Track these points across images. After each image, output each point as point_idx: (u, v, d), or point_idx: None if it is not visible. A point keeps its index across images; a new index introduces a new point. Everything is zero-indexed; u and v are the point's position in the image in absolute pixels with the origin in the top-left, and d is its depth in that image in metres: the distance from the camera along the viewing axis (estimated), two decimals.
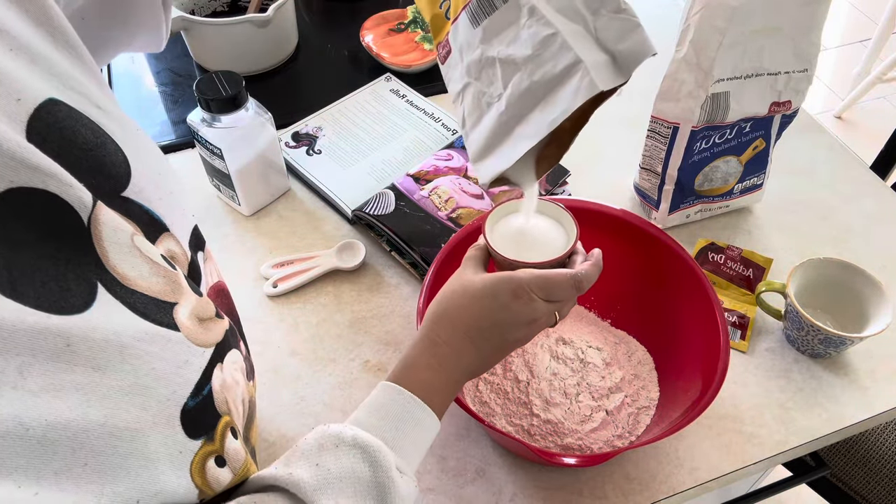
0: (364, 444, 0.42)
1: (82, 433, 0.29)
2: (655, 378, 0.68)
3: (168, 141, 0.93)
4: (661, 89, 0.75)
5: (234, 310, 0.53)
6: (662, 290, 0.69)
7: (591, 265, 0.53)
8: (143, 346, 0.33)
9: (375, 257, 0.80)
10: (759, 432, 0.66)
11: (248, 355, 0.51)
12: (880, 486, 0.95)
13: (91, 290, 0.32)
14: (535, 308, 0.50)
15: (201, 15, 1.05)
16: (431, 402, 0.47)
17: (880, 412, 0.68)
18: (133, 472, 0.31)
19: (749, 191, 0.84)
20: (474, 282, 0.51)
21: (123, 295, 0.33)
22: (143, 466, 0.32)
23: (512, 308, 0.50)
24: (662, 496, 0.62)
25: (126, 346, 0.32)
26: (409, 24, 1.08)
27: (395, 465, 0.43)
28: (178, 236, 0.42)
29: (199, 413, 0.36)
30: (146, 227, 0.38)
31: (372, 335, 0.73)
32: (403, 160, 0.89)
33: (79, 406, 0.30)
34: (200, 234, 0.47)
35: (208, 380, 0.37)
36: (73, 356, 0.30)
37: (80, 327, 0.30)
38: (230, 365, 0.41)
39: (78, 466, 0.29)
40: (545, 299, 0.50)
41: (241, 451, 0.40)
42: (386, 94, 0.98)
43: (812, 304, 0.73)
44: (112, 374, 0.31)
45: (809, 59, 0.74)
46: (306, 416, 0.67)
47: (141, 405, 0.32)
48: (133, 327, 0.33)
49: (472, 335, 0.50)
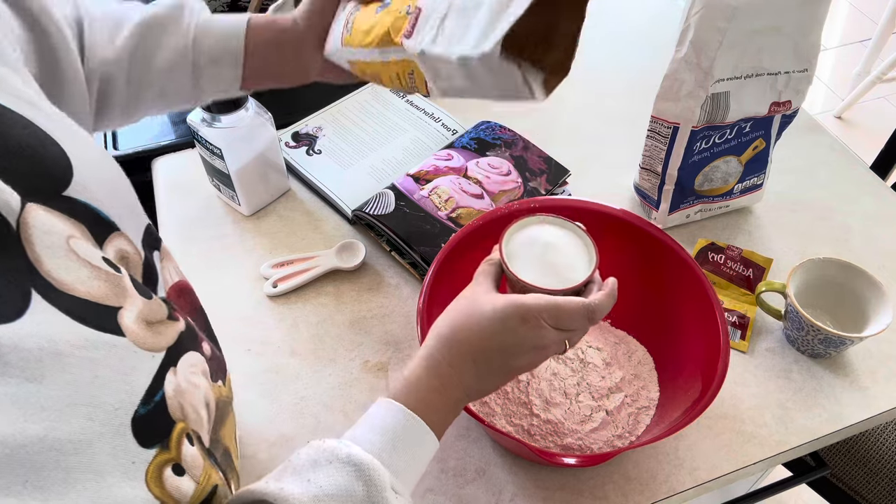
0: (359, 462, 0.40)
1: (20, 449, 0.28)
2: (655, 378, 0.68)
3: (168, 141, 0.93)
4: (661, 89, 0.75)
5: (200, 308, 0.52)
6: (662, 290, 0.69)
7: (605, 295, 0.51)
8: (83, 354, 0.31)
9: (375, 257, 0.80)
10: (759, 432, 0.66)
11: (218, 354, 0.50)
12: (880, 486, 0.95)
13: (24, 297, 0.30)
14: (544, 335, 0.49)
15: None
16: (432, 423, 0.46)
17: (880, 412, 0.68)
18: (80, 486, 0.29)
19: (749, 191, 0.84)
20: (484, 305, 0.49)
21: (60, 301, 0.32)
22: (92, 480, 0.30)
23: (519, 333, 0.48)
24: (662, 496, 0.62)
25: (64, 354, 0.31)
26: None
27: (391, 484, 0.41)
28: (130, 235, 0.41)
29: (151, 420, 0.34)
30: (93, 227, 0.37)
31: (372, 335, 0.73)
32: (403, 160, 0.89)
33: (16, 420, 0.28)
34: (155, 232, 0.46)
35: (160, 385, 0.36)
36: (5, 367, 0.28)
37: (9, 337, 0.29)
38: (186, 368, 0.40)
39: (17, 485, 0.27)
40: (555, 327, 0.49)
41: (199, 458, 0.38)
42: (386, 93, 0.98)
43: (812, 304, 0.73)
44: (50, 385, 0.30)
45: (809, 59, 0.74)
46: (306, 416, 0.67)
47: (86, 415, 0.31)
48: (71, 334, 0.31)
49: (477, 358, 0.49)
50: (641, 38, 1.10)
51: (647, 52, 1.06)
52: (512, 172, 0.85)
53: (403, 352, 0.72)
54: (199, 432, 0.40)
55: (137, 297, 0.37)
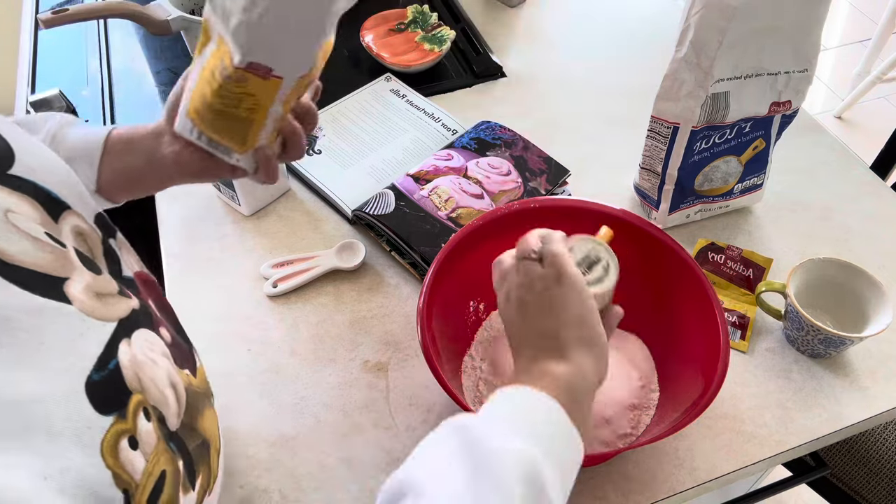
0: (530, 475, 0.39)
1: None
2: (655, 378, 0.68)
3: None
4: (661, 89, 0.75)
5: (167, 304, 0.53)
6: (662, 290, 0.69)
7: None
8: (30, 320, 0.33)
9: (375, 257, 0.80)
10: (759, 432, 0.66)
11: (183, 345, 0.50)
12: (880, 486, 0.96)
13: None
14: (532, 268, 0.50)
15: (201, 15, 1.05)
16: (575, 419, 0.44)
17: (880, 412, 0.68)
18: (34, 447, 0.30)
19: (749, 191, 0.84)
20: None
21: (5, 271, 0.33)
22: (47, 442, 0.31)
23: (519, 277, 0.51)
24: (662, 496, 0.62)
25: (11, 319, 0.32)
26: (409, 24, 1.08)
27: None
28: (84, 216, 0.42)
29: (106, 387, 0.35)
30: (46, 205, 0.39)
31: (372, 335, 0.73)
32: (403, 160, 0.89)
33: None
34: (108, 221, 0.47)
35: (114, 354, 0.37)
36: None
37: None
38: (142, 343, 0.40)
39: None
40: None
41: (153, 436, 0.39)
42: (386, 94, 0.98)
43: (812, 304, 0.73)
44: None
45: (809, 59, 0.74)
46: (306, 416, 0.67)
47: (36, 378, 0.32)
48: (17, 300, 0.33)
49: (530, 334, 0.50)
50: (641, 38, 1.10)
51: (647, 52, 1.06)
52: (512, 172, 0.85)
53: (403, 352, 0.72)
54: (163, 412, 0.41)
55: (85, 270, 0.38)
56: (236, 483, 0.62)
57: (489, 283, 0.54)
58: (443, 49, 1.02)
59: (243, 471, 0.63)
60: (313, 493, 0.61)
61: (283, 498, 0.61)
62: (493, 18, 1.15)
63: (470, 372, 0.68)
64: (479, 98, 1.00)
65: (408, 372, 0.70)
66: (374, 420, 0.66)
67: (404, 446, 0.65)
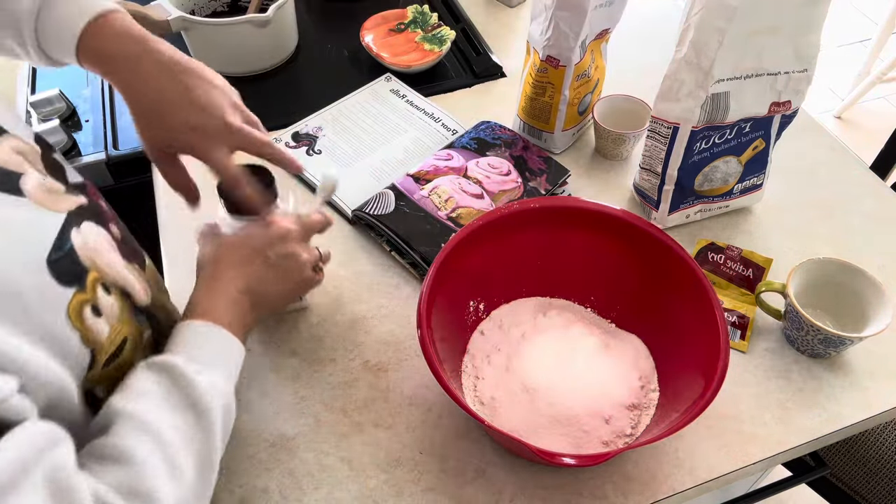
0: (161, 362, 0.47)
1: None
2: (655, 378, 0.68)
3: None
4: (661, 89, 0.75)
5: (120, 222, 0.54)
6: (662, 290, 0.69)
7: None
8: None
9: (375, 257, 0.80)
10: (759, 432, 0.67)
11: (134, 245, 0.55)
12: (880, 486, 0.96)
13: None
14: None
15: (201, 15, 1.06)
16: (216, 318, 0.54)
17: (880, 412, 0.68)
18: (9, 312, 0.37)
19: (749, 191, 0.84)
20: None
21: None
22: (21, 310, 0.38)
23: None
24: (662, 496, 0.62)
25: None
26: (409, 24, 1.08)
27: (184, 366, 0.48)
28: (22, 137, 0.46)
29: (64, 263, 0.42)
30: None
31: (372, 335, 0.73)
32: (403, 160, 0.89)
33: None
34: (46, 141, 0.49)
35: (67, 238, 0.43)
36: None
37: None
38: (91, 233, 0.46)
39: None
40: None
41: (116, 309, 0.46)
42: (386, 94, 0.98)
43: (812, 304, 0.73)
44: None
45: (809, 59, 0.74)
46: (306, 416, 0.67)
47: (5, 259, 0.38)
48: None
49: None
50: (641, 38, 1.10)
51: (646, 52, 1.06)
52: (512, 172, 0.85)
53: (403, 352, 0.72)
54: (128, 289, 0.49)
55: (34, 171, 0.44)
56: (236, 483, 0.62)
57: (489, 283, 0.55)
58: (443, 49, 1.02)
59: (243, 471, 0.63)
60: (313, 493, 0.62)
61: (283, 498, 0.61)
62: (493, 18, 1.15)
63: (470, 372, 0.68)
64: (479, 98, 1.00)
65: (408, 372, 0.70)
66: (374, 420, 0.66)
67: (404, 446, 0.65)
